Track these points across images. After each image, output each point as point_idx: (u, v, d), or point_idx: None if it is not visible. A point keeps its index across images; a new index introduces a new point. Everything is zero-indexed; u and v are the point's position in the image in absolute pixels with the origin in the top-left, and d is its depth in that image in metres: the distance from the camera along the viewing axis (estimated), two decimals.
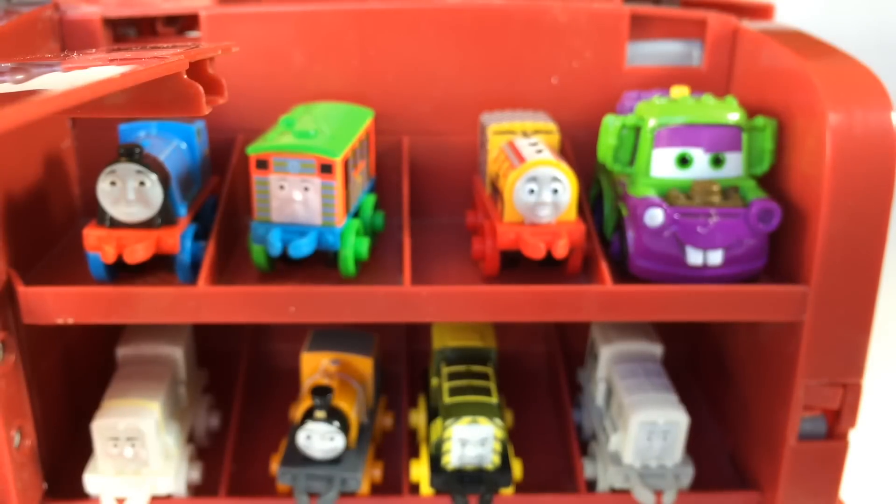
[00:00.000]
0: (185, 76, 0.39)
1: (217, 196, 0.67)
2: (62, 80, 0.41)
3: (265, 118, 0.69)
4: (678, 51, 0.73)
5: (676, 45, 0.73)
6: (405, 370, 0.77)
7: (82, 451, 0.67)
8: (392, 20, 0.70)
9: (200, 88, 0.39)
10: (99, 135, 0.70)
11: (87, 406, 0.71)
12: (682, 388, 0.77)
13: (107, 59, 0.56)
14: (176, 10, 0.68)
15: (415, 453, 0.69)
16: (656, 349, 0.70)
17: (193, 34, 0.74)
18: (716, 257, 0.58)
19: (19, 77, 0.44)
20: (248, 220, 0.69)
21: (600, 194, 0.70)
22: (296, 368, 0.73)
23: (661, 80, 0.72)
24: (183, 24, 0.75)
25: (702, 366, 0.81)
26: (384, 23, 0.70)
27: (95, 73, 0.39)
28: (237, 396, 0.73)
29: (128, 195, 0.56)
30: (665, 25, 0.72)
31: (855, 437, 0.63)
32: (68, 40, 0.68)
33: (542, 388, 0.82)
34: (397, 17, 0.70)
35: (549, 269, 0.64)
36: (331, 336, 0.70)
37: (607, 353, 0.70)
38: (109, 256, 0.55)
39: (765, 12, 0.77)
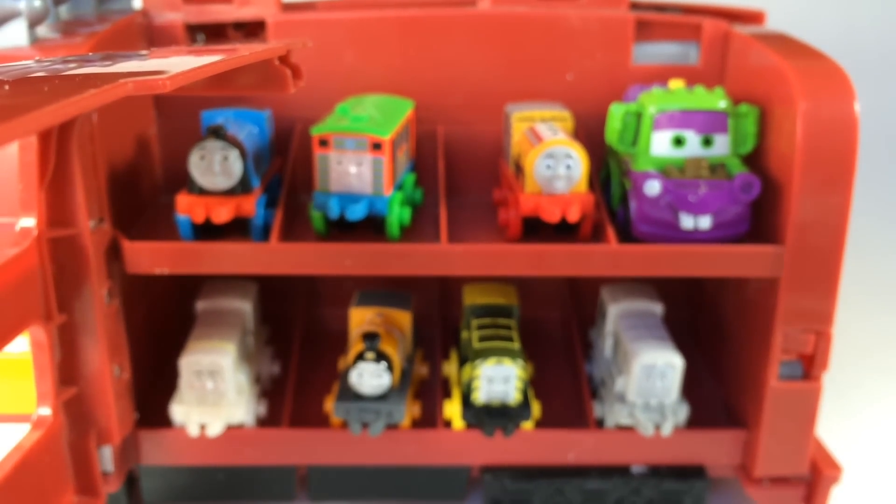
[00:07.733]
0: (277, 62, 0.51)
1: (280, 175, 0.79)
2: (174, 64, 0.52)
3: (320, 109, 0.81)
4: (678, 51, 0.84)
5: (676, 47, 0.84)
6: (439, 329, 0.88)
7: (164, 389, 0.79)
8: (430, 25, 0.82)
9: (289, 71, 0.51)
10: (178, 123, 0.83)
11: (167, 352, 0.83)
12: (684, 348, 0.88)
13: (185, 51, 0.68)
14: (246, 17, 0.81)
15: (447, 396, 0.80)
16: (657, 307, 0.81)
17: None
18: (705, 222, 0.69)
19: (107, 63, 0.51)
20: (304, 196, 0.81)
21: (609, 176, 0.81)
22: (342, 330, 0.85)
23: (662, 76, 0.83)
24: (248, 29, 0.87)
25: (701, 329, 0.91)
26: (423, 28, 0.82)
27: (192, 60, 0.49)
28: (294, 350, 0.85)
29: (214, 167, 0.67)
30: (666, 29, 0.83)
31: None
32: (155, 43, 0.81)
33: (559, 347, 0.93)
34: (434, 22, 0.82)
35: (564, 235, 0.75)
36: (374, 295, 0.82)
37: (614, 311, 0.80)
38: (199, 216, 0.67)
39: (757, 18, 0.88)
